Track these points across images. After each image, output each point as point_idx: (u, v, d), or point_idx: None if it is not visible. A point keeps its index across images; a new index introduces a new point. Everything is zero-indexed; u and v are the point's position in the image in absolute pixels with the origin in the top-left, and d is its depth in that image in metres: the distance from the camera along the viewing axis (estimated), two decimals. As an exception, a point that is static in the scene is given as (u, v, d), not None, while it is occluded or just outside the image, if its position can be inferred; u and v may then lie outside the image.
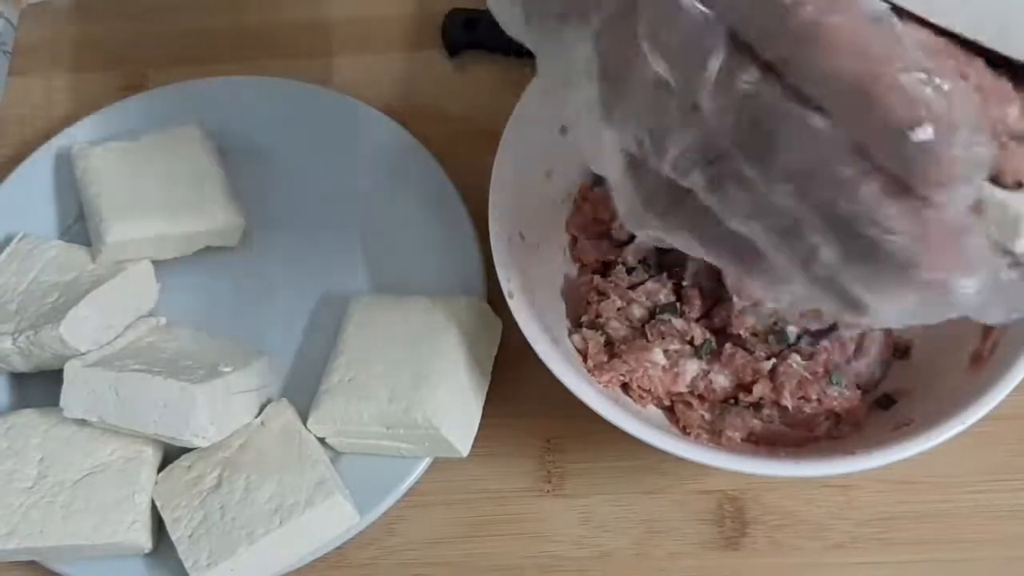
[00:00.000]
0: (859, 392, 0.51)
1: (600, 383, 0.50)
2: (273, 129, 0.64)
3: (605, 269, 0.56)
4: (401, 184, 0.61)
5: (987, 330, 0.48)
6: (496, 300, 0.54)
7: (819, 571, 0.52)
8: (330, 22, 0.70)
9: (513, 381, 0.56)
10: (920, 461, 0.53)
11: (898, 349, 0.53)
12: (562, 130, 0.55)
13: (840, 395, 0.50)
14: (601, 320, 0.53)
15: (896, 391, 0.51)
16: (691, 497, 0.54)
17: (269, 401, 0.55)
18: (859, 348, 0.52)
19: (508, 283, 0.49)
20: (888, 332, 0.53)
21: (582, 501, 0.54)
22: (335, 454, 0.54)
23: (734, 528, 0.53)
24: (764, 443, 0.51)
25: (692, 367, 0.52)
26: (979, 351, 0.48)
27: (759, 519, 0.53)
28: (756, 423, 0.51)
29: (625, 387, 0.52)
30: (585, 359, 0.52)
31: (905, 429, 0.46)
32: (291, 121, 0.64)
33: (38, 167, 0.63)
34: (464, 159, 0.61)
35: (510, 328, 0.47)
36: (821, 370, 0.50)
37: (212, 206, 0.59)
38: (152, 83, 0.68)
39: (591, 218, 0.56)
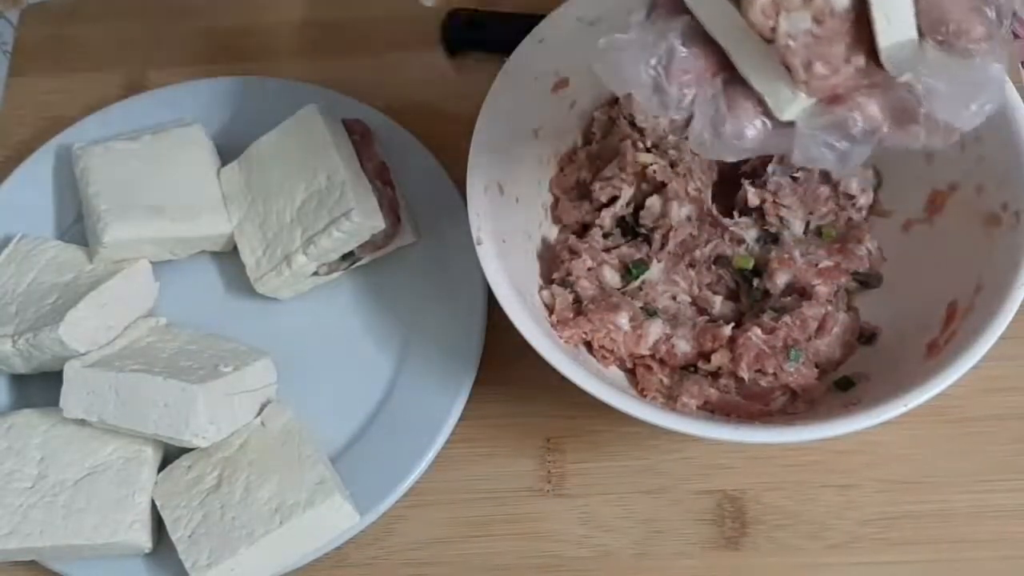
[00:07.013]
0: (816, 371, 0.52)
1: (561, 338, 0.50)
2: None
3: (584, 232, 0.56)
4: (401, 184, 0.61)
5: (948, 321, 0.48)
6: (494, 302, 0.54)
7: (819, 571, 0.52)
8: (330, 23, 0.70)
9: (512, 381, 0.56)
10: (920, 461, 0.54)
11: (864, 335, 0.53)
12: (554, 88, 0.54)
13: (796, 371, 0.51)
14: (571, 279, 0.53)
15: (856, 375, 0.51)
16: (691, 497, 0.54)
17: (269, 401, 0.55)
18: (821, 328, 0.52)
19: (478, 230, 0.48)
20: (855, 317, 0.53)
21: (582, 501, 0.54)
22: (335, 454, 0.54)
23: (734, 528, 0.53)
24: (719, 412, 0.51)
25: (655, 329, 0.52)
26: (936, 340, 0.48)
27: (759, 519, 0.53)
28: (712, 392, 0.51)
29: (590, 347, 0.52)
30: (551, 314, 0.51)
31: (851, 408, 0.46)
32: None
33: (38, 167, 0.63)
34: (464, 159, 0.61)
35: (511, 328, 0.47)
36: (780, 345, 0.51)
37: (210, 212, 0.59)
38: (152, 83, 0.68)
39: (575, 179, 0.56)
